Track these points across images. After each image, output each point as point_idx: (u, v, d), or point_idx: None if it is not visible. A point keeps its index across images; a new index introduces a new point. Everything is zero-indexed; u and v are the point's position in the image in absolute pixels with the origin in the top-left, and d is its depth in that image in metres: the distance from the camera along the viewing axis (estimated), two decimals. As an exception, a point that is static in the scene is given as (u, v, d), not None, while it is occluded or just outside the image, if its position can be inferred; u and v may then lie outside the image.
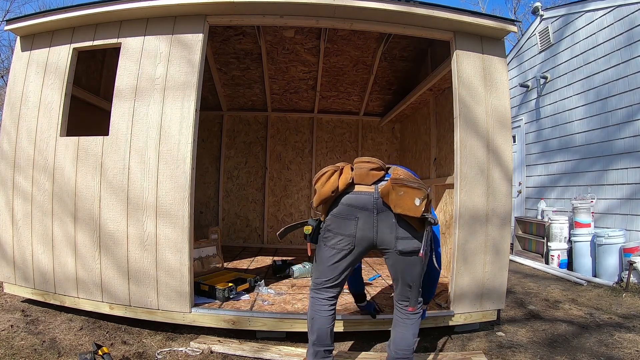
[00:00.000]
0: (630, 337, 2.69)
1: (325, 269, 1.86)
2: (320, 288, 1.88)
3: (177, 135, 2.50)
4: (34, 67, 2.83)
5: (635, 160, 4.57)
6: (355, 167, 1.84)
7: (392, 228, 1.76)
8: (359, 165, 1.83)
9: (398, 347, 1.86)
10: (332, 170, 1.83)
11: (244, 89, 5.20)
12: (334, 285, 1.88)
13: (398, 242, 1.76)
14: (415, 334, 1.88)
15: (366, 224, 1.78)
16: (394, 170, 1.86)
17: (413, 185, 1.70)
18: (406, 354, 1.84)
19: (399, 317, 1.90)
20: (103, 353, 2.07)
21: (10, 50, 14.49)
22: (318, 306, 1.88)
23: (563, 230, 5.07)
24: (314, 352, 1.86)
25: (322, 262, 1.87)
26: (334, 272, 1.85)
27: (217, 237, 3.58)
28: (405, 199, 1.68)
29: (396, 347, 1.86)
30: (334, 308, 1.90)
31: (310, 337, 1.87)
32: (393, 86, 5.06)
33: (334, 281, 1.87)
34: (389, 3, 2.53)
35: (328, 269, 1.85)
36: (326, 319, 1.86)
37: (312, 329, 1.86)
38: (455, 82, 2.69)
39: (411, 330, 1.87)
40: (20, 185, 2.77)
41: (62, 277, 2.66)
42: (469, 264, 2.62)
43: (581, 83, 5.46)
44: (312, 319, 1.87)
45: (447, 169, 3.77)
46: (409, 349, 1.85)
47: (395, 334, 1.90)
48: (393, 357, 1.86)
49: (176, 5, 2.52)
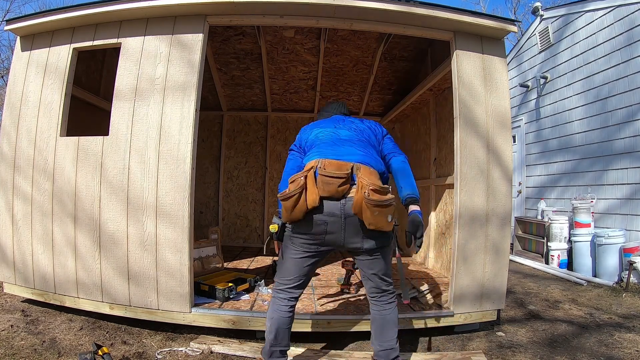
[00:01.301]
0: (630, 337, 2.69)
1: (290, 268, 1.87)
2: (284, 288, 1.89)
3: (177, 135, 2.50)
4: (34, 67, 2.83)
5: (635, 160, 4.57)
6: (322, 180, 1.72)
7: (359, 229, 1.76)
8: (327, 180, 1.71)
9: (383, 340, 1.88)
10: (298, 192, 1.72)
11: (244, 89, 5.20)
12: (297, 286, 1.89)
13: (365, 241, 1.78)
14: (396, 323, 1.91)
15: (334, 227, 1.76)
16: (359, 176, 1.74)
17: (385, 203, 1.69)
18: (392, 345, 1.87)
19: (376, 311, 1.93)
20: (103, 353, 2.07)
21: (10, 50, 14.49)
22: (278, 306, 1.88)
23: (563, 230, 5.07)
24: (270, 352, 1.87)
25: (287, 261, 1.87)
26: (298, 272, 1.86)
27: (217, 237, 3.58)
28: (379, 218, 1.69)
29: (380, 340, 1.89)
30: (293, 309, 1.91)
31: (268, 337, 1.87)
32: (393, 86, 5.07)
33: (297, 281, 1.87)
34: (389, 3, 2.53)
35: (294, 268, 1.86)
36: (286, 320, 1.87)
37: (271, 328, 1.86)
38: (455, 82, 2.69)
39: (391, 320, 1.90)
40: (20, 185, 2.77)
41: (62, 277, 2.66)
42: (469, 264, 2.62)
43: (581, 83, 5.46)
44: (272, 319, 1.87)
45: (447, 169, 3.77)
46: (393, 340, 1.88)
47: (375, 328, 1.93)
48: (379, 351, 1.88)
49: (176, 5, 2.52)
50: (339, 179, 1.71)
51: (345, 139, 1.95)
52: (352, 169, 1.76)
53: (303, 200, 1.72)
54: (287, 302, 1.88)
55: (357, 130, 2.02)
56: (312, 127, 2.09)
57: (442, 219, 3.87)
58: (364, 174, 1.74)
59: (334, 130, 2.01)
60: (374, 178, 1.75)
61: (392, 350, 1.87)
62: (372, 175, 1.76)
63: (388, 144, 2.07)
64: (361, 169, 1.77)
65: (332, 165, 1.77)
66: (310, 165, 1.82)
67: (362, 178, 1.72)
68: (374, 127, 2.09)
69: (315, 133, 2.02)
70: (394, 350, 1.87)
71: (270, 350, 1.86)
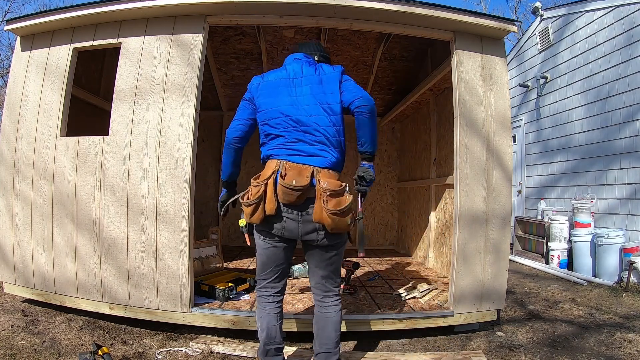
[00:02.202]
0: (630, 337, 2.69)
1: (265, 261, 1.89)
2: (265, 284, 1.91)
3: (177, 135, 2.50)
4: (34, 67, 2.83)
5: (635, 160, 4.57)
6: (282, 190, 1.72)
7: (316, 225, 1.77)
8: (286, 191, 1.71)
9: (322, 342, 1.87)
10: (256, 202, 1.76)
11: (244, 89, 5.19)
12: (277, 278, 1.91)
13: (319, 235, 1.78)
14: (338, 326, 1.88)
15: (292, 225, 1.78)
16: (318, 180, 1.76)
17: (345, 209, 1.72)
18: (329, 348, 1.85)
19: (318, 311, 1.91)
20: (103, 353, 2.08)
21: (10, 50, 14.49)
22: (265, 304, 1.90)
23: (563, 230, 5.07)
24: (265, 351, 1.88)
25: (261, 255, 1.91)
26: (273, 262, 1.88)
27: (217, 237, 3.58)
28: (340, 223, 1.73)
29: (320, 342, 1.87)
30: (280, 305, 1.93)
31: (261, 336, 1.89)
32: (393, 86, 5.06)
33: (275, 272, 1.90)
34: (389, 3, 2.53)
35: (267, 260, 1.89)
36: (274, 317, 1.89)
37: (262, 327, 1.88)
38: (455, 82, 2.69)
39: (332, 321, 1.87)
40: (19, 186, 2.77)
41: (62, 279, 2.66)
42: (469, 264, 2.62)
43: (581, 83, 5.46)
44: (261, 317, 1.89)
45: (447, 169, 3.77)
46: (332, 342, 1.85)
47: (316, 329, 1.90)
48: (317, 352, 1.87)
49: (176, 5, 2.52)
50: (298, 191, 1.73)
51: (306, 126, 1.83)
52: (312, 172, 1.78)
53: (261, 209, 1.76)
54: (272, 298, 1.91)
55: (317, 94, 1.86)
56: (267, 87, 1.93)
57: (442, 219, 3.87)
58: (323, 178, 1.77)
59: (295, 99, 1.86)
60: (332, 181, 1.78)
61: (331, 354, 1.84)
62: (330, 179, 1.79)
63: (348, 93, 1.87)
64: (321, 173, 1.79)
65: (294, 170, 1.76)
66: (271, 169, 1.80)
67: (321, 182, 1.75)
68: (333, 80, 1.88)
69: (272, 103, 1.88)
70: (332, 354, 1.84)
71: (265, 349, 1.88)
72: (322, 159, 1.82)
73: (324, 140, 1.84)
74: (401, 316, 2.53)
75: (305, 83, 1.89)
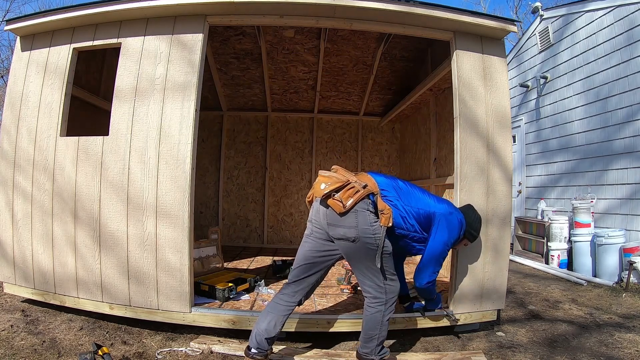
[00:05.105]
0: (630, 337, 2.69)
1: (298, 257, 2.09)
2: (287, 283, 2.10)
3: (177, 135, 2.50)
4: (34, 67, 2.83)
5: (635, 160, 4.57)
6: (315, 188, 2.02)
7: (325, 215, 1.96)
8: (317, 190, 1.99)
9: (362, 334, 2.03)
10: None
11: (244, 89, 5.20)
12: (298, 281, 2.07)
13: (329, 227, 1.94)
14: (369, 327, 1.98)
15: (314, 211, 2.05)
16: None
17: (324, 174, 1.98)
18: (362, 342, 2.02)
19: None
20: (103, 353, 2.07)
21: (10, 50, 14.48)
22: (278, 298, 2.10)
23: (563, 230, 5.07)
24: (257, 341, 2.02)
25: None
26: (303, 261, 2.05)
27: (217, 237, 3.58)
28: (317, 187, 1.97)
29: (361, 334, 2.04)
30: (290, 305, 2.07)
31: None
32: (393, 86, 5.06)
33: (302, 274, 2.06)
34: (389, 3, 2.53)
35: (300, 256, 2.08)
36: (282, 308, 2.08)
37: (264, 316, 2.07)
38: (455, 82, 2.69)
39: (365, 320, 2.00)
40: (20, 185, 2.77)
41: (62, 277, 2.66)
42: (469, 264, 2.62)
43: (581, 83, 5.46)
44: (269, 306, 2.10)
45: (447, 169, 3.77)
46: (363, 338, 2.00)
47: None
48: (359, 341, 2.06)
49: (176, 5, 2.52)
50: (324, 189, 2.00)
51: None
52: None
53: (310, 194, 2.16)
54: (287, 297, 2.07)
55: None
56: None
57: (442, 219, 3.87)
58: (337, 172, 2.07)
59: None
60: (332, 178, 2.03)
61: (361, 347, 2.02)
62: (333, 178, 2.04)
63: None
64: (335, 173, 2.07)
65: (325, 178, 2.07)
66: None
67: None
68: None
69: None
70: (362, 347, 2.01)
71: (257, 339, 2.01)
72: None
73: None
74: (401, 316, 2.54)
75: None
